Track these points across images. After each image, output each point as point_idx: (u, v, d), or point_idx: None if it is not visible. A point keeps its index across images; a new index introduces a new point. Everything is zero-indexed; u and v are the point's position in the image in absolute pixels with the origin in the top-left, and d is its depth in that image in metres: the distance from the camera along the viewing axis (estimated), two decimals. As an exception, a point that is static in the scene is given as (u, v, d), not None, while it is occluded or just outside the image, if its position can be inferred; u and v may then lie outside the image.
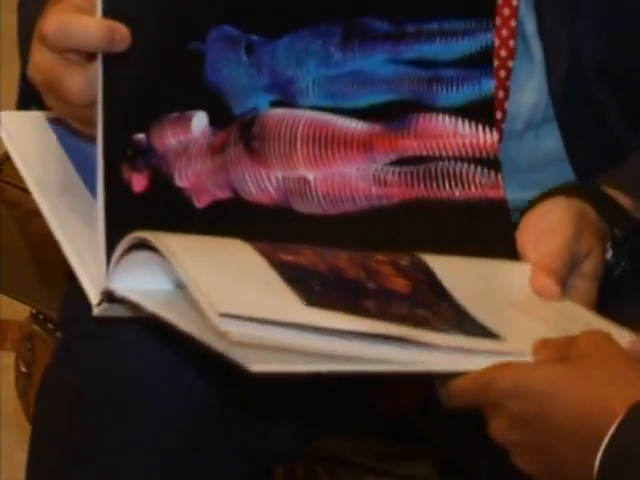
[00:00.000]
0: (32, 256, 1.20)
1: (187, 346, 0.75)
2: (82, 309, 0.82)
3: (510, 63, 0.94)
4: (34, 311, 1.25)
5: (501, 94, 0.92)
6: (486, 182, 0.87)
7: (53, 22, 0.78)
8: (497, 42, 0.92)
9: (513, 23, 0.91)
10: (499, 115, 0.93)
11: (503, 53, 0.93)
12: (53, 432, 0.86)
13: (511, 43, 0.92)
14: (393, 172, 0.86)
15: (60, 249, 0.81)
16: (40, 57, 0.80)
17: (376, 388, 0.87)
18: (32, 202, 1.14)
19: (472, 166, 0.87)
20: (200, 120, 0.81)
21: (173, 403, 0.82)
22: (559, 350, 0.68)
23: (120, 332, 0.81)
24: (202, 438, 0.82)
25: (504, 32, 0.92)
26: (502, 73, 0.93)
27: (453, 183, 0.87)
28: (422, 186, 0.86)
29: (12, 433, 1.79)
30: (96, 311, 0.75)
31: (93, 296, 0.76)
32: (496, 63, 0.93)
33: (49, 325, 1.20)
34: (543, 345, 0.69)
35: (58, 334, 1.07)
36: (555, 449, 0.66)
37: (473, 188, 0.87)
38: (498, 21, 0.91)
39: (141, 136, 0.79)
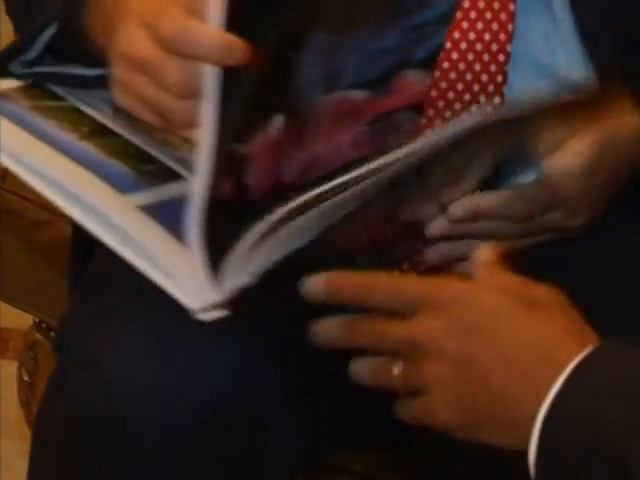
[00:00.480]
0: (35, 265, 1.21)
1: (183, 375, 0.79)
2: (76, 336, 0.83)
3: (508, 47, 0.94)
4: (37, 320, 1.25)
5: (499, 79, 0.93)
6: (413, 128, 0.90)
7: (173, 24, 0.77)
8: (496, 27, 0.93)
9: (512, 7, 0.93)
10: (497, 100, 0.93)
11: (502, 37, 0.94)
12: (50, 460, 0.87)
13: (510, 27, 0.93)
14: (360, 133, 0.88)
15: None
16: (139, 39, 0.79)
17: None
18: (35, 211, 1.16)
19: (406, 114, 0.89)
20: (278, 122, 0.81)
21: (168, 433, 0.81)
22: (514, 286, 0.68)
23: (114, 361, 0.80)
24: (198, 469, 0.83)
25: (502, 16, 0.93)
26: (501, 57, 0.93)
27: (392, 135, 0.89)
28: (371, 144, 0.88)
29: (13, 442, 1.80)
30: (208, 316, 0.76)
31: (195, 303, 0.76)
32: (495, 47, 0.94)
33: (52, 334, 1.20)
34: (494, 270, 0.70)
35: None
36: (492, 370, 0.64)
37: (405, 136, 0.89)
38: (496, 5, 0.92)
39: (238, 146, 0.79)
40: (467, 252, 0.83)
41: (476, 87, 0.94)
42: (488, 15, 0.93)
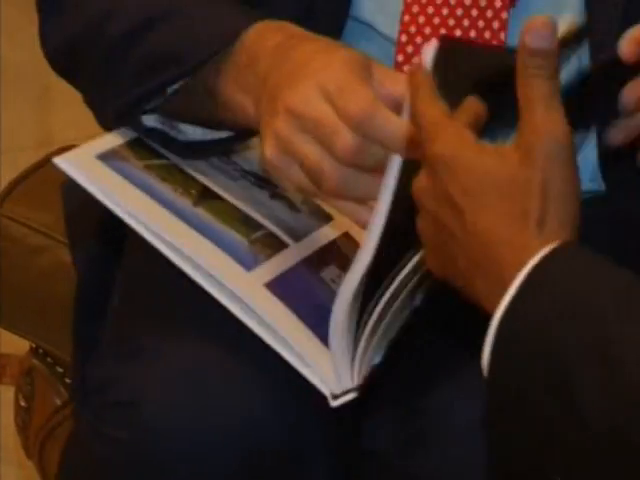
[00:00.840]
0: (33, 291, 1.23)
1: (221, 416, 0.83)
2: (110, 377, 0.87)
3: (504, 14, 0.94)
4: (34, 345, 1.26)
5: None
6: None
7: (364, 105, 0.79)
8: None
9: None
10: None
11: (497, 3, 0.94)
12: None
13: None
14: None
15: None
16: (317, 101, 0.81)
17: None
18: (34, 237, 1.21)
19: None
20: None
21: (204, 474, 0.84)
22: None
23: (151, 402, 0.83)
24: None
25: None
26: (495, 24, 0.94)
27: None
28: None
29: (12, 468, 1.82)
30: (342, 401, 0.80)
31: (334, 389, 0.80)
32: (490, 14, 0.95)
33: (49, 359, 1.22)
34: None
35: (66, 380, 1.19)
36: (466, 245, 0.66)
37: None
38: None
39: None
40: None
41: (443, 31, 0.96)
42: None
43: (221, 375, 0.85)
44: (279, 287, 0.86)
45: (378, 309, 0.80)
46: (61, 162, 0.89)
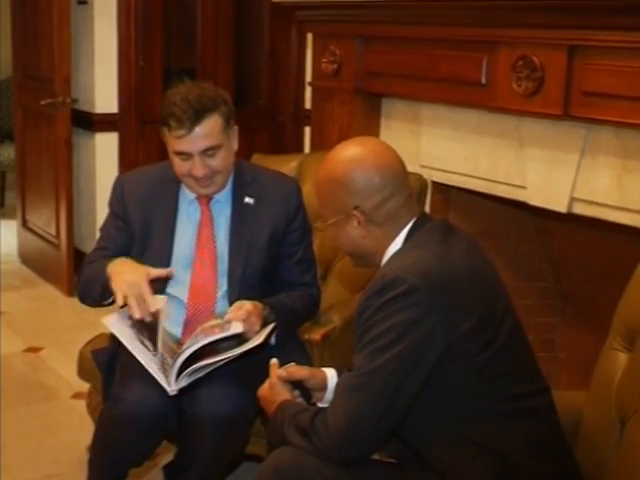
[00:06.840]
0: None
1: (151, 402, 2.29)
2: (116, 392, 2.33)
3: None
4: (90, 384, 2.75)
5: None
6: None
7: (137, 289, 2.28)
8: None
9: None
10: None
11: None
12: (101, 432, 2.40)
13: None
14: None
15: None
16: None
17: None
18: None
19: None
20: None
21: (143, 419, 2.28)
22: None
23: (127, 399, 2.26)
24: (154, 432, 2.32)
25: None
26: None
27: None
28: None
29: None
30: (172, 393, 2.20)
31: (170, 390, 2.20)
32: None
33: (98, 387, 2.66)
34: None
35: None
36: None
37: None
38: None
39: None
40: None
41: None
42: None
43: (145, 390, 2.24)
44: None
45: (192, 366, 2.13)
46: (106, 321, 2.22)
